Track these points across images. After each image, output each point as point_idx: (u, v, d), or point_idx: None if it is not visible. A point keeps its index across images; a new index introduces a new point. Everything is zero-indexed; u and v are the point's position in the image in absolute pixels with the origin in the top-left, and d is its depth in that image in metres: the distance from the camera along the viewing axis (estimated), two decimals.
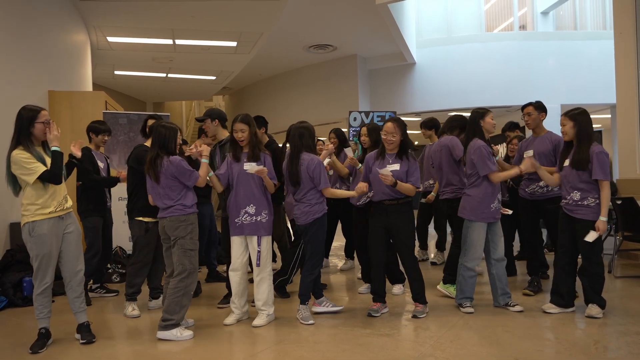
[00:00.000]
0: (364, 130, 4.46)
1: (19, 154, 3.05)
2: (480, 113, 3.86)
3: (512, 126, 5.43)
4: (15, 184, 3.13)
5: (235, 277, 3.62)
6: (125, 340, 3.45)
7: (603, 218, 3.45)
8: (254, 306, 3.66)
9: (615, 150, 9.91)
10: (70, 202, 3.29)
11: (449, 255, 4.42)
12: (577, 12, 11.12)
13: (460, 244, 4.00)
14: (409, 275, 3.78)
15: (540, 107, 4.34)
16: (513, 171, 3.79)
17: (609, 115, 10.96)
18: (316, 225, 3.65)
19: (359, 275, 4.98)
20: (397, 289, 4.40)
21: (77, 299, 3.27)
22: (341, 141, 5.01)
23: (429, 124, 5.63)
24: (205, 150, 3.53)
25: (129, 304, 3.97)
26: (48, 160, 3.14)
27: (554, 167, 3.95)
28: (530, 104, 4.38)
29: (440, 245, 5.95)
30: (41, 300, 3.17)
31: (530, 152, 4.28)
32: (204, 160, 3.52)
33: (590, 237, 3.45)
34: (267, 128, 4.74)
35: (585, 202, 3.52)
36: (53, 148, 3.13)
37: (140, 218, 3.94)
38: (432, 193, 5.41)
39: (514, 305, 3.78)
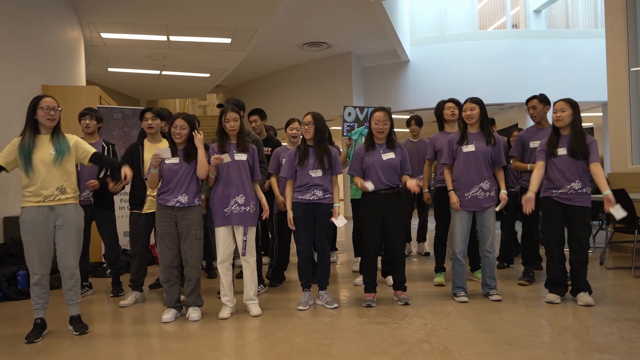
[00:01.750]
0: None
1: (15, 139, 3.13)
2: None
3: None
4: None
5: (223, 268, 3.61)
6: (122, 331, 3.44)
7: (609, 192, 3.47)
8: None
9: (607, 147, 10.02)
10: (68, 194, 3.22)
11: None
12: (569, 11, 11.23)
13: (437, 233, 4.49)
14: (399, 263, 3.79)
15: (544, 100, 4.39)
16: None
17: (601, 114, 11.06)
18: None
19: (354, 267, 5.01)
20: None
21: (69, 292, 3.26)
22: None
23: (421, 121, 5.75)
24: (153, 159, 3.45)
25: (129, 293, 4.13)
26: (41, 153, 3.12)
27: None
28: (534, 97, 4.41)
29: None
30: (36, 291, 3.17)
31: (536, 143, 4.14)
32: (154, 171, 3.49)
33: (621, 211, 3.43)
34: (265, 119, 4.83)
35: (584, 190, 3.62)
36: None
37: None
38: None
39: (492, 295, 3.83)
